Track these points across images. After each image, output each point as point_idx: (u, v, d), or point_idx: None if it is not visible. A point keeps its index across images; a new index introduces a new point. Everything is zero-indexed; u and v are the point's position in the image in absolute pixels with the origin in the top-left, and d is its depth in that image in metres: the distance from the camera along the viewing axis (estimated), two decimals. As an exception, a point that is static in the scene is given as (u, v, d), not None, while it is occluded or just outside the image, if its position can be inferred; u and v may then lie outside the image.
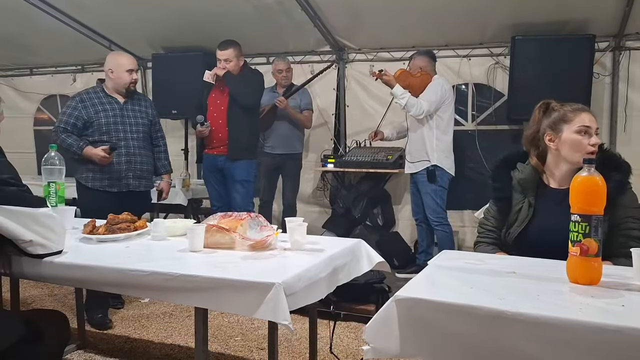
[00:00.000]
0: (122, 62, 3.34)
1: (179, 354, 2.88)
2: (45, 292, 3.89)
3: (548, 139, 1.95)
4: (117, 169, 3.28)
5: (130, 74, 3.33)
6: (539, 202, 1.95)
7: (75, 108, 3.27)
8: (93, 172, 3.27)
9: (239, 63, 3.94)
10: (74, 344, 2.89)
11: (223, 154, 3.96)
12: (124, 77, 3.32)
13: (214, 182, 4.09)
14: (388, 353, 1.37)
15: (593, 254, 1.42)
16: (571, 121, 1.90)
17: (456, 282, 1.48)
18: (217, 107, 3.99)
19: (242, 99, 3.88)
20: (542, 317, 1.19)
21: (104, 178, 3.28)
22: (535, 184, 1.98)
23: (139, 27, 5.04)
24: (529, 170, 1.99)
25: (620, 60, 4.32)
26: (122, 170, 3.29)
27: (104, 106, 3.30)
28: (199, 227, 1.94)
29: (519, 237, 1.95)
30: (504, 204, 2.03)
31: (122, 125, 3.32)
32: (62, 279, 1.82)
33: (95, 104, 3.29)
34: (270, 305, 1.46)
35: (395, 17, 4.34)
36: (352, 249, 2.04)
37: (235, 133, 3.91)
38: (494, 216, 2.07)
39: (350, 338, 3.04)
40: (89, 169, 3.28)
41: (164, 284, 1.62)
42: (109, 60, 3.38)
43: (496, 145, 4.63)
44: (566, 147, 1.90)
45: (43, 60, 6.00)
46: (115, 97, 3.35)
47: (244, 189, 3.96)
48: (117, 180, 3.29)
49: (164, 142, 3.60)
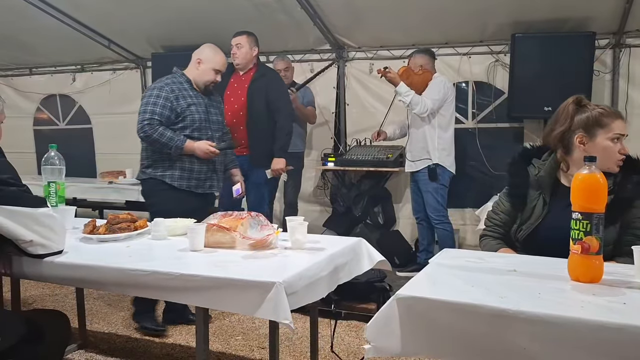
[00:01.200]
0: (214, 59, 3.14)
1: (180, 353, 2.88)
2: (46, 292, 3.89)
3: (579, 140, 1.88)
4: (205, 169, 3.11)
5: (216, 74, 3.14)
6: (554, 201, 1.92)
7: (167, 99, 2.99)
8: (181, 171, 3.03)
9: (252, 52, 3.83)
10: (75, 343, 2.89)
11: (240, 155, 3.74)
12: (209, 75, 3.12)
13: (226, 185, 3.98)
14: (389, 352, 1.37)
15: (594, 251, 1.42)
16: (607, 126, 1.85)
17: (457, 280, 1.48)
18: (231, 105, 3.83)
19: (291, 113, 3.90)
20: (544, 315, 1.19)
21: (192, 178, 3.07)
22: (552, 182, 1.95)
23: (138, 27, 5.04)
24: (548, 166, 1.95)
25: (620, 58, 4.31)
26: (208, 171, 3.12)
27: (192, 100, 3.08)
28: (200, 226, 1.94)
29: (530, 235, 1.93)
30: (518, 200, 1.98)
31: (207, 122, 3.13)
32: (63, 278, 1.83)
33: (185, 97, 3.05)
34: (271, 304, 1.46)
35: (395, 15, 4.34)
36: (352, 247, 2.04)
37: (257, 137, 3.79)
38: (503, 211, 2.03)
39: (352, 337, 3.04)
40: (178, 167, 3.03)
41: (164, 283, 1.62)
42: (203, 50, 3.17)
43: (497, 143, 4.63)
44: (598, 152, 1.80)
45: (43, 59, 6.00)
46: (199, 93, 3.15)
47: (259, 193, 3.85)
48: (203, 181, 3.11)
49: (229, 137, 3.38)
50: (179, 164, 3.03)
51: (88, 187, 4.63)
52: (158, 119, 2.95)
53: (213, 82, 3.15)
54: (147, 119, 2.94)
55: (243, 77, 3.90)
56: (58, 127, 6.31)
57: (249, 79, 3.86)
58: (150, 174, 3.05)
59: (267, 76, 3.89)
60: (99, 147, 6.11)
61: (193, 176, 3.06)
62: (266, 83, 3.82)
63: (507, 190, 2.04)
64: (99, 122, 6.09)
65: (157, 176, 3.04)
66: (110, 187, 4.51)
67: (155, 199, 3.08)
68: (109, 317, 3.40)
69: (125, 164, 4.88)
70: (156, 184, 3.05)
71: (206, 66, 3.11)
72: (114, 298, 3.72)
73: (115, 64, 5.85)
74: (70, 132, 6.22)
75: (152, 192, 3.09)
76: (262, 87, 3.80)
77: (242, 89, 3.85)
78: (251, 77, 3.86)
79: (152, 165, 3.05)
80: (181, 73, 3.14)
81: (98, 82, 5.96)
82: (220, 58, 3.16)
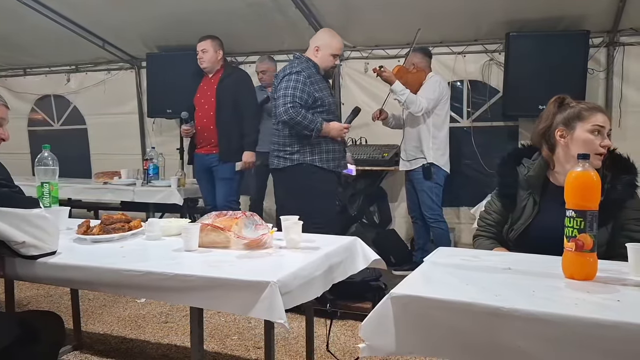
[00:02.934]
0: (331, 44, 3.27)
1: (175, 353, 2.88)
2: (40, 293, 3.87)
3: (559, 134, 1.90)
4: (338, 149, 3.32)
5: (334, 58, 3.28)
6: (544, 200, 1.93)
7: (305, 84, 3.16)
8: (326, 153, 3.26)
9: (217, 56, 4.01)
10: (70, 344, 2.87)
11: (210, 153, 4.02)
12: (328, 61, 3.27)
13: (205, 181, 4.14)
14: (384, 350, 1.36)
15: (588, 249, 1.42)
16: (586, 119, 1.86)
17: (452, 278, 1.48)
18: (201, 106, 4.05)
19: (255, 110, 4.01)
20: (538, 313, 1.19)
21: (335, 158, 3.31)
22: (542, 181, 1.96)
23: (133, 27, 5.02)
24: (537, 166, 1.96)
25: (614, 56, 4.33)
26: (341, 150, 3.35)
27: (323, 84, 3.29)
28: (194, 226, 1.93)
29: (522, 235, 1.94)
30: (509, 200, 2.00)
31: (333, 105, 3.34)
32: (57, 279, 1.81)
33: (317, 81, 3.23)
34: (266, 304, 1.46)
35: (390, 15, 4.34)
36: (347, 246, 2.03)
37: (225, 135, 3.95)
38: (495, 211, 2.05)
39: (347, 336, 3.03)
40: (323, 150, 3.25)
41: (159, 283, 1.61)
42: (320, 36, 3.32)
43: (491, 142, 4.64)
44: (577, 145, 1.85)
45: (37, 60, 5.98)
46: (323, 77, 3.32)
47: (226, 187, 4.00)
48: (339, 160, 3.33)
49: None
50: (323, 146, 3.23)
51: (83, 188, 4.61)
52: (299, 102, 3.10)
53: (332, 67, 3.30)
54: (289, 102, 3.09)
55: (212, 79, 4.09)
56: (53, 128, 6.29)
57: (217, 81, 4.03)
58: (299, 160, 3.21)
59: (233, 76, 4.05)
60: (94, 147, 6.10)
61: (336, 156, 3.29)
62: (233, 83, 3.99)
63: (497, 190, 2.06)
64: (93, 122, 6.07)
65: (307, 161, 3.21)
66: (105, 188, 4.49)
67: (311, 182, 3.23)
68: (104, 318, 3.38)
69: (120, 165, 4.87)
70: (308, 167, 3.22)
71: (324, 52, 3.25)
72: (109, 299, 3.71)
73: (109, 64, 5.84)
74: (65, 132, 6.21)
75: (306, 176, 3.23)
76: (229, 86, 3.98)
77: (211, 90, 4.03)
78: (219, 78, 4.03)
79: (300, 151, 3.22)
80: (306, 58, 3.28)
81: (93, 82, 5.95)
82: (337, 42, 3.30)
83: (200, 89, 4.13)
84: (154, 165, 4.45)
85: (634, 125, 4.30)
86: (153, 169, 4.44)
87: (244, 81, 4.10)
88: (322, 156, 3.25)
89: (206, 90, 4.07)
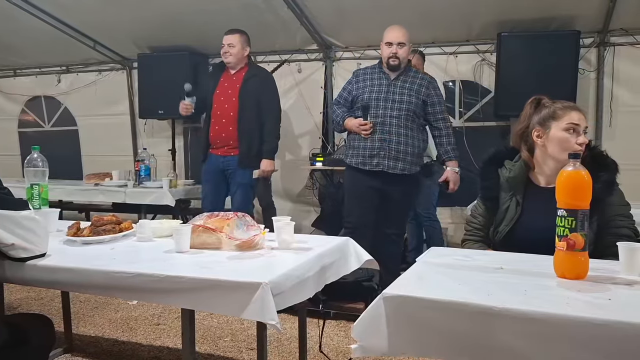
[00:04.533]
0: (384, 35, 3.32)
1: (167, 355, 2.86)
2: (31, 296, 3.84)
3: (536, 134, 1.93)
4: (370, 146, 3.28)
5: (388, 47, 3.27)
6: (527, 201, 1.94)
7: (349, 82, 3.44)
8: (352, 149, 3.37)
9: (244, 52, 3.84)
10: (61, 347, 2.85)
11: (228, 155, 3.83)
12: (384, 51, 3.31)
13: (212, 183, 3.94)
14: (376, 351, 1.36)
15: (580, 248, 1.42)
16: (560, 118, 1.88)
17: (444, 278, 1.48)
18: (220, 105, 3.84)
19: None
20: (530, 312, 1.19)
21: (359, 155, 3.32)
22: (524, 183, 1.96)
23: (124, 27, 5.00)
24: (517, 168, 1.97)
25: (605, 56, 4.35)
26: (375, 148, 3.28)
27: (372, 82, 3.32)
28: (185, 227, 1.91)
29: (506, 236, 1.94)
30: (491, 203, 2.02)
31: (385, 102, 3.27)
32: (46, 282, 1.79)
33: (366, 79, 3.35)
34: (257, 305, 1.45)
35: (382, 15, 4.33)
36: (340, 247, 2.03)
37: (246, 139, 3.78)
38: (481, 214, 2.07)
39: (340, 337, 3.03)
40: (349, 146, 3.40)
41: (149, 285, 1.60)
42: None
43: (483, 142, 4.64)
44: (553, 144, 1.88)
45: (27, 61, 5.94)
46: (387, 74, 3.33)
47: (244, 193, 3.87)
48: (369, 158, 3.29)
49: (446, 125, 3.39)
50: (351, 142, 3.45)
51: (74, 190, 4.57)
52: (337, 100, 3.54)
53: (391, 55, 3.28)
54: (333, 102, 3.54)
55: (234, 76, 3.89)
56: (43, 129, 6.25)
57: (240, 79, 3.84)
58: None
59: (259, 77, 3.88)
60: (85, 149, 6.06)
61: (360, 153, 3.35)
62: (258, 84, 3.82)
63: (480, 193, 2.06)
64: (84, 123, 6.04)
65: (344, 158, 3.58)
66: (96, 189, 4.46)
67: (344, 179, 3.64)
68: (96, 321, 3.36)
69: (112, 166, 4.84)
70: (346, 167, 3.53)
71: (382, 46, 3.36)
72: (100, 301, 3.69)
73: (101, 65, 5.81)
74: (55, 133, 6.17)
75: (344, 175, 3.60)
76: (254, 88, 3.80)
77: (233, 89, 3.83)
78: (243, 77, 3.84)
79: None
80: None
81: (83, 83, 5.91)
82: (388, 30, 3.34)
83: (220, 84, 3.87)
84: (146, 167, 4.43)
85: (624, 125, 4.33)
86: (145, 170, 4.42)
87: (268, 83, 3.90)
88: (346, 152, 3.43)
89: (227, 87, 3.85)
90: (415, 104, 3.29)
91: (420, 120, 3.34)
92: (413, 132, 3.30)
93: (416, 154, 3.34)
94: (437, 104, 3.37)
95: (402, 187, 3.33)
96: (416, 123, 3.32)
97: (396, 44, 3.26)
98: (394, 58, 3.28)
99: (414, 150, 3.31)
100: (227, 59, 3.83)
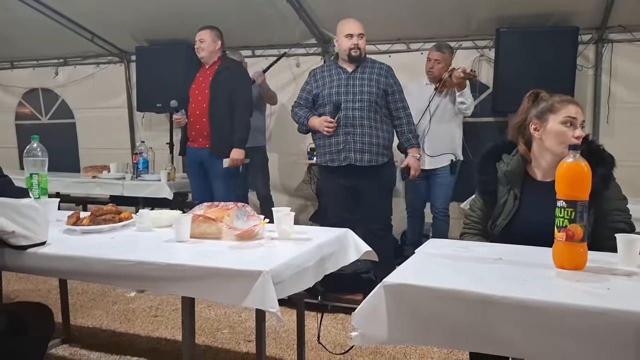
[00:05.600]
0: (342, 28, 3.32)
1: (165, 347, 2.87)
2: (29, 287, 3.84)
3: (533, 127, 1.94)
4: (336, 142, 3.28)
5: (349, 39, 3.27)
6: (525, 195, 1.95)
7: (307, 83, 3.44)
8: (319, 148, 3.38)
9: (215, 46, 3.94)
10: (59, 338, 2.85)
11: (203, 147, 3.92)
12: (343, 44, 3.30)
13: (195, 176, 4.07)
14: (376, 339, 1.37)
15: (579, 239, 1.43)
16: (557, 111, 1.89)
17: (444, 268, 1.49)
18: (195, 98, 3.98)
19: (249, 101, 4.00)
20: (529, 300, 1.20)
21: (326, 152, 3.32)
22: (521, 176, 1.97)
23: (122, 20, 4.97)
24: (515, 161, 1.98)
25: (603, 53, 4.36)
26: (340, 143, 3.28)
27: (331, 77, 3.33)
28: (185, 217, 1.92)
29: (504, 230, 1.95)
30: (489, 197, 2.02)
31: (346, 95, 3.27)
32: (47, 270, 1.79)
33: (324, 77, 3.36)
34: (258, 293, 1.46)
35: (381, 10, 4.34)
36: (339, 238, 2.04)
37: (217, 129, 3.87)
38: (479, 208, 2.07)
39: (338, 329, 3.04)
40: (317, 145, 3.38)
41: (150, 273, 1.60)
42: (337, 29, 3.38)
43: (482, 137, 4.65)
44: (550, 137, 1.89)
45: (24, 53, 5.90)
46: (344, 68, 3.33)
47: (224, 184, 3.91)
48: (336, 153, 3.29)
49: (406, 113, 3.43)
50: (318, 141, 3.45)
51: (71, 182, 4.57)
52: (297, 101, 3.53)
53: (352, 47, 3.29)
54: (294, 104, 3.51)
55: (207, 70, 4.00)
56: (40, 122, 6.22)
57: (212, 72, 3.95)
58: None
59: (231, 69, 3.96)
60: (83, 141, 6.04)
61: (326, 150, 3.37)
62: (230, 76, 3.91)
63: (478, 187, 2.07)
64: (82, 116, 6.01)
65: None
66: (94, 182, 4.47)
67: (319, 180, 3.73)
68: (94, 312, 3.37)
69: (110, 159, 4.83)
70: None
71: (339, 39, 3.36)
72: (98, 292, 3.69)
73: (98, 57, 5.78)
74: (53, 126, 6.14)
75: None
76: (225, 80, 3.89)
77: (206, 82, 3.94)
78: (215, 70, 3.94)
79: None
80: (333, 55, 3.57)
81: (81, 76, 5.88)
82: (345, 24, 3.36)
83: (196, 79, 4.03)
84: (144, 160, 4.43)
85: (622, 122, 4.34)
86: (143, 163, 4.42)
87: (239, 75, 3.99)
88: (317, 151, 3.40)
89: (201, 81, 3.98)
90: (376, 93, 3.31)
91: (383, 110, 3.36)
92: (377, 123, 3.32)
93: (382, 144, 3.33)
94: (397, 92, 3.40)
95: (373, 181, 3.33)
96: (379, 114, 3.33)
97: (357, 35, 3.29)
98: (356, 49, 3.29)
99: (378, 141, 3.31)
100: (200, 54, 3.97)
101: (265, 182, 4.81)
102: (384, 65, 3.45)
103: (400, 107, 3.41)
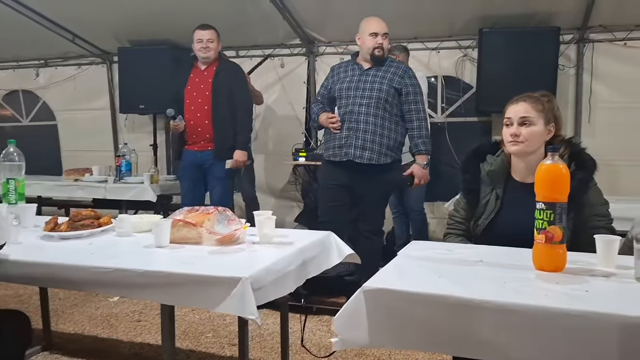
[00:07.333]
0: (366, 26, 3.26)
1: (148, 352, 2.84)
2: (9, 293, 3.78)
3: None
4: (339, 137, 3.24)
5: (373, 37, 3.20)
6: (507, 195, 1.95)
7: (327, 79, 3.43)
8: (326, 143, 3.40)
9: (219, 47, 3.86)
10: (39, 345, 2.80)
11: (204, 150, 3.81)
12: (367, 42, 3.23)
13: (189, 179, 3.93)
14: (357, 343, 1.36)
15: (558, 241, 1.43)
16: (504, 114, 1.93)
17: (424, 271, 1.48)
18: (194, 100, 3.82)
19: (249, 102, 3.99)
20: (509, 304, 1.20)
21: (329, 147, 3.31)
22: (504, 177, 1.98)
23: (104, 21, 4.92)
24: (498, 162, 1.98)
25: (584, 52, 4.39)
26: (343, 138, 3.23)
27: (345, 74, 3.31)
28: (165, 222, 1.89)
29: (486, 230, 1.96)
30: (472, 196, 2.02)
31: (355, 91, 3.23)
32: (23, 277, 1.76)
33: (340, 72, 3.35)
34: (237, 300, 1.44)
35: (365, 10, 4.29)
36: (321, 241, 2.02)
37: (221, 132, 3.77)
38: (463, 208, 2.07)
39: (323, 331, 3.03)
40: (324, 140, 3.42)
41: (128, 280, 1.58)
42: (359, 26, 3.33)
43: (465, 137, 4.67)
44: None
45: (4, 54, 5.81)
46: (361, 64, 3.30)
47: (223, 186, 3.85)
48: (339, 148, 3.25)
49: (419, 116, 3.25)
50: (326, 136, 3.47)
51: (53, 185, 4.50)
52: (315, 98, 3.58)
53: (376, 46, 3.21)
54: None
55: (205, 71, 3.87)
56: (21, 124, 6.13)
57: (212, 73, 3.84)
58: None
59: (230, 70, 3.88)
60: (65, 144, 5.96)
61: (330, 145, 3.32)
62: (229, 77, 3.83)
63: (462, 187, 2.08)
64: (64, 118, 5.93)
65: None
66: (76, 185, 4.40)
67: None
68: (76, 318, 3.32)
69: (92, 161, 4.77)
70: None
71: (362, 37, 3.28)
72: (80, 298, 3.64)
73: (80, 58, 5.71)
74: (34, 128, 6.06)
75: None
76: (226, 81, 3.80)
77: (206, 83, 3.82)
78: (214, 71, 3.84)
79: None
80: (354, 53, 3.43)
81: (63, 77, 5.81)
82: (371, 22, 3.29)
83: (190, 80, 3.85)
84: (127, 162, 4.37)
85: (603, 121, 4.38)
86: (125, 166, 4.36)
87: (239, 76, 3.91)
88: (324, 146, 3.45)
89: (198, 82, 3.82)
90: (387, 91, 3.18)
91: (394, 110, 3.23)
92: (384, 121, 3.19)
93: (386, 144, 3.20)
94: (411, 93, 3.24)
95: (371, 182, 3.22)
96: (388, 112, 3.20)
97: (382, 34, 3.20)
98: (380, 49, 3.21)
99: (382, 140, 3.18)
100: (206, 53, 3.80)
101: (251, 183, 4.78)
102: (402, 65, 3.34)
103: (413, 109, 3.24)
